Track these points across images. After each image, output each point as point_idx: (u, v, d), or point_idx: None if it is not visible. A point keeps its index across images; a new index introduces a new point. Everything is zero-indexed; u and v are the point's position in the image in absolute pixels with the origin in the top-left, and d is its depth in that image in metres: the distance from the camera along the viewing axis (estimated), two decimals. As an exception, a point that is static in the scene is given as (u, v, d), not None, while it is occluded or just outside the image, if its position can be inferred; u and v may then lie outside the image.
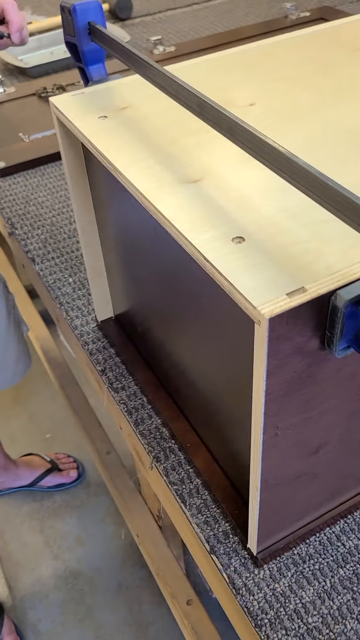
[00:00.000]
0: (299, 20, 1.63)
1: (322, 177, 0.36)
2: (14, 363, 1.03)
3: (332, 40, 0.67)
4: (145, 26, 1.72)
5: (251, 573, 0.57)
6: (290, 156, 0.39)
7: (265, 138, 0.41)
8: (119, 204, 0.61)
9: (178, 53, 1.51)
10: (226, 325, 0.47)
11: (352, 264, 0.38)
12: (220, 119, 0.45)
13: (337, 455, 0.52)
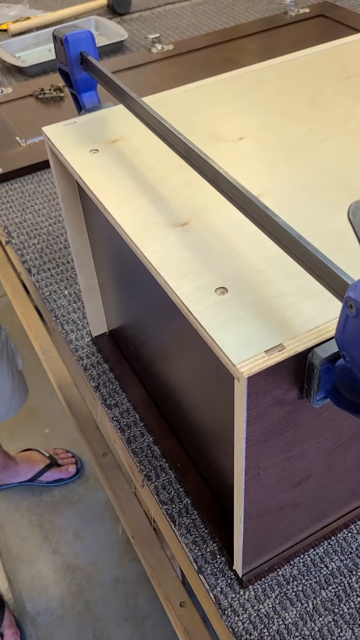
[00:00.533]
0: (299, 17, 1.62)
1: (300, 240, 0.37)
2: (9, 398, 1.03)
3: (324, 66, 0.67)
4: (144, 21, 1.71)
5: (237, 594, 0.59)
6: (271, 215, 0.40)
7: (248, 193, 0.42)
8: (110, 230, 0.62)
9: (176, 52, 1.50)
10: (210, 364, 0.49)
11: (329, 319, 0.39)
12: (205, 167, 0.45)
13: (319, 486, 0.53)
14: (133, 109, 0.55)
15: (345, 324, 0.33)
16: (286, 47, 1.49)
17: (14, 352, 1.06)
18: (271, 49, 1.50)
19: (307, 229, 0.47)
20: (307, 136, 0.57)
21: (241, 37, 1.55)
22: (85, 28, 0.61)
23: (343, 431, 0.48)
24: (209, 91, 0.65)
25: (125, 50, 1.57)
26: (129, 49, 1.57)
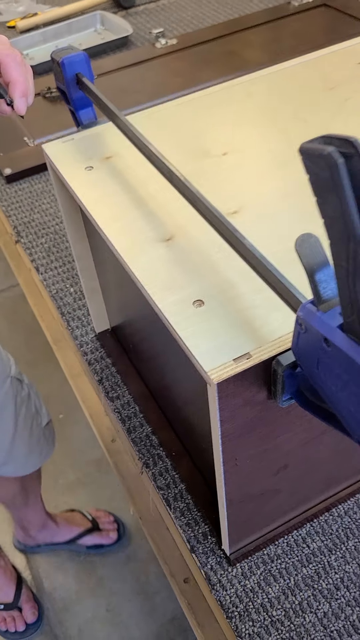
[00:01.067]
0: (302, 7, 1.63)
1: (262, 260, 0.42)
2: (25, 456, 0.98)
3: (308, 77, 0.71)
4: (149, 14, 1.73)
5: (225, 571, 0.65)
6: (239, 236, 0.44)
7: (220, 216, 0.46)
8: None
9: (180, 46, 1.52)
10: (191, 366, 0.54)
11: (291, 330, 0.44)
12: (184, 189, 0.50)
13: (297, 474, 0.59)
14: (122, 130, 0.59)
15: (298, 338, 0.38)
16: (289, 39, 1.51)
17: (38, 408, 1.00)
18: (274, 40, 1.52)
19: (281, 242, 0.51)
20: (287, 150, 0.61)
21: (244, 29, 1.57)
22: (80, 51, 0.65)
23: (313, 426, 0.53)
24: (198, 104, 0.69)
25: (130, 45, 1.60)
26: (134, 44, 1.60)
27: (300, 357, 0.39)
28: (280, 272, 0.42)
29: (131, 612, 1.46)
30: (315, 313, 0.36)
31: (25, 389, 0.93)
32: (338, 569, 0.63)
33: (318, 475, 0.62)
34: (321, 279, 0.36)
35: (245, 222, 0.53)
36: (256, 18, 1.61)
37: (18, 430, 0.90)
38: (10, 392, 0.85)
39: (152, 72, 1.44)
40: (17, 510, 1.30)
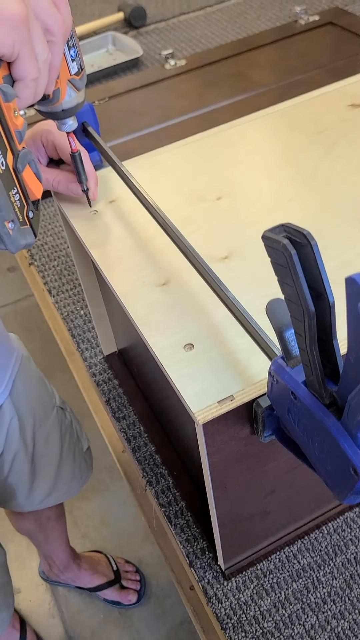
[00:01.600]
0: (308, 25, 1.67)
1: (243, 312, 0.47)
2: (68, 481, 0.98)
3: (299, 120, 0.75)
4: (159, 34, 1.78)
5: (221, 585, 0.69)
6: (223, 288, 0.49)
7: (207, 268, 0.51)
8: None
9: (189, 67, 1.57)
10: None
11: (272, 374, 0.48)
12: (177, 239, 0.55)
13: (285, 496, 0.63)
14: (122, 179, 0.64)
15: (272, 387, 0.43)
16: (295, 58, 1.55)
17: (79, 433, 1.03)
18: (281, 60, 1.56)
19: (268, 287, 0.56)
20: (276, 195, 0.65)
21: (252, 49, 1.62)
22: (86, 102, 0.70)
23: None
24: (196, 148, 0.74)
25: (140, 65, 1.65)
26: (144, 64, 1.65)
27: (274, 403, 0.43)
28: (258, 324, 0.46)
29: (142, 615, 1.51)
30: (284, 368, 0.40)
31: (67, 416, 0.97)
32: (326, 584, 0.68)
33: (305, 496, 0.66)
34: (289, 338, 0.40)
35: (235, 268, 0.58)
36: (263, 37, 1.65)
37: (63, 458, 0.93)
38: (56, 422, 0.89)
39: (161, 94, 1.49)
40: (39, 545, 1.31)
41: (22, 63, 0.38)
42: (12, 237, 0.39)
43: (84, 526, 1.68)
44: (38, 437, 0.82)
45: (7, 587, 0.94)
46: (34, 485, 0.88)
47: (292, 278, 0.33)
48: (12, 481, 0.84)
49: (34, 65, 0.39)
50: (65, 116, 0.55)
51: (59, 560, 1.40)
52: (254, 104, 1.41)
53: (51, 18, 0.40)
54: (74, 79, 0.52)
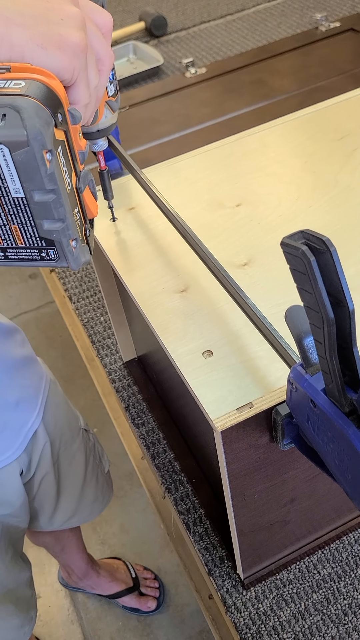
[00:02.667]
0: (329, 32, 1.66)
1: (262, 319, 0.47)
2: (91, 504, 0.99)
3: (320, 126, 0.75)
4: (180, 42, 1.79)
5: (240, 594, 0.69)
6: (242, 295, 0.49)
7: (226, 275, 0.51)
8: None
9: (209, 75, 1.58)
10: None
11: (292, 382, 0.48)
12: (196, 247, 0.55)
13: (305, 506, 0.63)
14: (142, 186, 0.65)
15: (291, 395, 0.42)
16: (316, 65, 1.55)
17: (101, 454, 1.03)
18: (302, 68, 1.55)
19: (287, 294, 0.55)
20: (296, 203, 0.65)
21: (272, 56, 1.62)
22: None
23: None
24: (216, 155, 0.74)
25: (161, 74, 1.66)
26: (165, 73, 1.66)
27: (293, 411, 0.43)
28: (277, 331, 0.46)
29: (161, 624, 1.50)
30: (303, 376, 0.40)
31: (91, 438, 0.97)
32: (347, 595, 0.67)
33: (326, 506, 0.66)
34: (309, 345, 0.40)
35: (254, 275, 0.58)
36: (284, 44, 1.65)
37: (87, 480, 0.93)
38: (81, 444, 0.89)
39: (182, 102, 1.50)
40: (56, 555, 1.32)
41: (78, 89, 0.39)
42: (75, 255, 0.41)
43: (103, 533, 1.68)
44: (64, 459, 0.83)
45: (31, 601, 0.94)
46: (58, 507, 0.88)
47: (311, 285, 0.33)
48: (38, 503, 0.85)
49: (87, 91, 0.40)
50: (99, 136, 0.57)
51: (77, 569, 1.40)
52: (275, 111, 1.41)
53: (102, 49, 0.42)
54: (111, 100, 0.53)
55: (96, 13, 0.42)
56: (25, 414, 0.71)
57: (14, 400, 0.69)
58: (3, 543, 0.78)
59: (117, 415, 1.46)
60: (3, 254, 0.41)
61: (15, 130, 0.34)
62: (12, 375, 0.69)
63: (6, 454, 0.70)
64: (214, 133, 1.38)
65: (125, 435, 1.44)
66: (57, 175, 0.36)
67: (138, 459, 1.38)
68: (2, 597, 0.83)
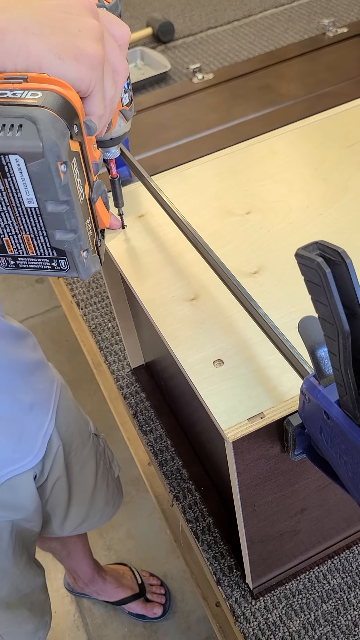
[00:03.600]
0: (337, 37, 1.66)
1: (274, 329, 0.46)
2: (101, 509, 0.99)
3: (329, 133, 0.74)
4: (187, 48, 1.80)
5: (249, 604, 0.68)
6: (254, 305, 0.49)
7: (237, 284, 0.51)
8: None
9: (216, 81, 1.58)
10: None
11: (304, 392, 0.48)
12: (206, 255, 0.55)
13: (315, 516, 0.62)
14: (152, 194, 0.65)
15: (303, 406, 0.42)
16: (324, 71, 1.55)
17: (111, 459, 1.03)
18: (309, 73, 1.55)
19: (298, 303, 0.55)
20: (306, 210, 0.65)
21: (280, 62, 1.62)
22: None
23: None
24: (225, 162, 0.74)
25: (168, 80, 1.66)
26: (172, 79, 1.66)
27: (306, 422, 0.43)
28: (289, 340, 0.46)
29: (167, 630, 1.50)
30: (317, 387, 0.40)
31: (101, 443, 0.97)
32: (357, 606, 0.66)
33: (336, 516, 0.65)
34: (322, 356, 0.40)
35: (265, 283, 0.57)
36: (291, 50, 1.65)
37: (97, 485, 0.94)
38: (92, 449, 0.90)
39: (189, 108, 1.50)
40: (62, 560, 1.31)
41: (94, 100, 0.39)
42: (85, 266, 0.41)
43: (109, 538, 1.68)
44: (75, 463, 0.83)
45: (45, 606, 0.95)
46: (69, 512, 0.88)
47: (327, 297, 0.32)
48: (49, 508, 0.85)
49: (102, 103, 0.40)
50: (111, 144, 0.57)
51: (83, 574, 1.39)
52: (283, 117, 1.40)
53: (119, 61, 0.42)
54: (125, 109, 0.53)
55: (114, 25, 0.42)
56: (39, 418, 0.72)
57: (28, 404, 0.70)
58: (18, 548, 0.78)
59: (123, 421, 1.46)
60: (14, 262, 0.41)
61: (31, 141, 0.34)
62: (26, 378, 0.70)
63: (27, 459, 0.71)
64: (221, 138, 1.38)
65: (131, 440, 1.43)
66: (70, 186, 0.36)
67: (145, 465, 1.38)
68: (17, 602, 0.83)
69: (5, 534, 0.75)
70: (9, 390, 0.67)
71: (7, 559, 0.77)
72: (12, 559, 0.78)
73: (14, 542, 0.77)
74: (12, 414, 0.68)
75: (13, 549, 0.77)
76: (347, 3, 1.85)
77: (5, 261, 0.41)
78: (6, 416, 0.68)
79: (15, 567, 0.79)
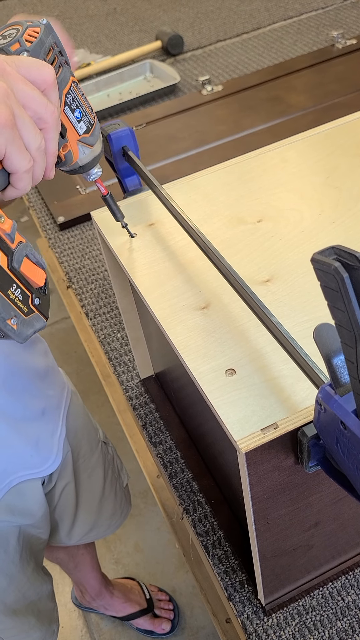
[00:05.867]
0: (346, 49, 1.66)
1: (288, 338, 0.45)
2: (109, 518, 0.98)
3: (341, 142, 0.74)
4: (196, 61, 1.80)
5: (261, 621, 0.67)
6: (267, 313, 0.48)
7: (250, 292, 0.50)
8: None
9: (225, 92, 1.58)
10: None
11: (318, 402, 0.47)
12: (218, 262, 0.54)
13: (329, 530, 0.61)
14: (162, 202, 0.64)
15: (318, 416, 0.41)
16: (333, 82, 1.55)
17: (120, 468, 1.03)
18: (318, 85, 1.55)
19: (311, 312, 0.54)
20: (318, 218, 0.64)
21: (289, 73, 1.62)
22: (127, 126, 0.70)
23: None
24: (235, 171, 0.73)
25: (177, 92, 1.67)
26: (181, 91, 1.67)
27: (321, 433, 0.42)
28: (304, 349, 0.45)
29: (176, 647, 1.47)
30: (333, 396, 0.39)
31: (110, 451, 0.97)
32: (372, 624, 0.65)
33: (350, 530, 0.63)
34: (338, 365, 0.39)
35: (277, 291, 0.57)
36: (300, 62, 1.65)
37: (105, 493, 0.93)
38: (100, 457, 0.89)
39: (198, 119, 1.50)
40: (70, 573, 1.30)
41: (12, 159, 0.39)
42: (17, 332, 0.41)
43: (117, 552, 1.66)
44: (83, 470, 0.83)
45: (53, 614, 0.93)
46: (77, 520, 0.88)
47: (344, 302, 0.31)
48: (57, 515, 0.84)
49: (24, 158, 0.40)
50: (85, 170, 0.56)
51: (90, 588, 1.38)
52: (291, 128, 1.40)
53: (42, 107, 0.41)
54: (85, 137, 0.53)
55: (32, 70, 0.41)
56: (51, 424, 0.72)
57: (40, 409, 0.70)
58: (25, 554, 0.78)
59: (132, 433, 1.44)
60: None
61: None
62: (38, 384, 0.70)
63: (45, 465, 0.71)
64: (230, 150, 1.38)
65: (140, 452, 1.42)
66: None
67: (153, 477, 1.36)
68: (24, 609, 0.82)
69: (13, 539, 0.74)
70: (22, 395, 0.67)
71: (14, 564, 0.76)
72: (19, 564, 0.77)
73: (21, 547, 0.76)
74: (25, 419, 0.68)
75: (20, 555, 0.76)
76: (356, 15, 1.86)
77: None
78: (21, 419, 0.67)
79: (22, 574, 0.78)
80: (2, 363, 0.64)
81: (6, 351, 0.65)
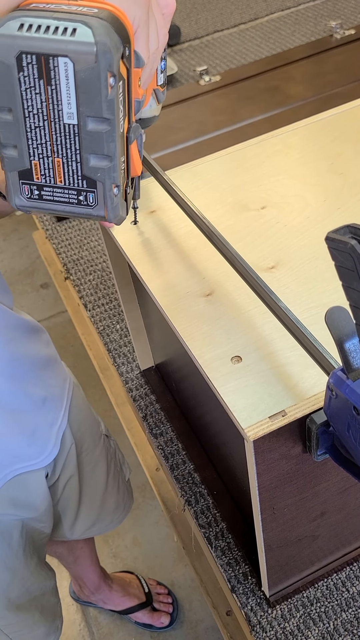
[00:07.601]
0: (344, 39, 1.65)
1: (297, 323, 0.44)
2: (112, 512, 0.98)
3: (345, 127, 0.73)
4: (193, 51, 1.79)
5: (265, 612, 0.66)
6: (274, 298, 0.47)
7: (256, 277, 0.49)
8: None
9: (223, 83, 1.57)
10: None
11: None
12: (222, 248, 0.53)
13: (335, 520, 0.60)
14: (165, 188, 0.63)
15: (329, 402, 0.40)
16: (331, 72, 1.53)
17: (122, 462, 1.03)
18: (317, 75, 1.54)
19: (318, 298, 0.53)
20: (323, 204, 0.63)
21: (287, 64, 1.60)
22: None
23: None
24: (238, 157, 0.72)
25: (175, 83, 1.65)
26: (179, 81, 1.65)
27: (331, 420, 0.41)
28: (313, 335, 0.44)
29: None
30: (345, 381, 0.38)
31: (112, 445, 0.96)
32: (378, 615, 0.64)
33: (356, 520, 0.63)
34: (351, 349, 0.38)
35: (283, 278, 0.56)
36: (299, 52, 1.64)
37: (108, 487, 0.92)
38: (103, 450, 0.88)
39: (196, 109, 1.49)
40: (69, 566, 1.29)
41: (138, 41, 0.38)
42: (114, 203, 0.38)
43: (115, 545, 1.65)
44: (86, 464, 0.82)
45: (56, 609, 0.93)
46: (79, 514, 0.87)
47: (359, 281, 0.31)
48: (60, 508, 0.84)
49: (146, 47, 0.38)
50: (142, 126, 0.55)
51: (89, 582, 1.37)
52: (290, 118, 1.39)
53: (161, 24, 0.41)
54: (158, 90, 0.52)
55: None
56: (52, 413, 0.71)
57: (40, 398, 0.69)
58: (28, 548, 0.77)
59: (130, 426, 1.43)
60: (38, 192, 0.38)
61: (85, 44, 0.32)
62: (39, 372, 0.69)
63: (41, 456, 0.70)
64: (229, 140, 1.37)
65: (139, 446, 1.41)
66: (115, 105, 0.34)
67: (152, 471, 1.35)
68: (27, 604, 0.81)
69: (16, 533, 0.73)
70: (22, 383, 0.66)
71: (17, 558, 0.75)
72: (23, 559, 0.76)
73: (24, 541, 0.75)
74: (25, 407, 0.67)
75: (24, 549, 0.76)
76: (354, 5, 1.84)
77: (29, 190, 0.38)
78: (19, 409, 0.67)
79: (25, 568, 0.78)
80: (3, 349, 0.63)
81: (6, 337, 0.64)
